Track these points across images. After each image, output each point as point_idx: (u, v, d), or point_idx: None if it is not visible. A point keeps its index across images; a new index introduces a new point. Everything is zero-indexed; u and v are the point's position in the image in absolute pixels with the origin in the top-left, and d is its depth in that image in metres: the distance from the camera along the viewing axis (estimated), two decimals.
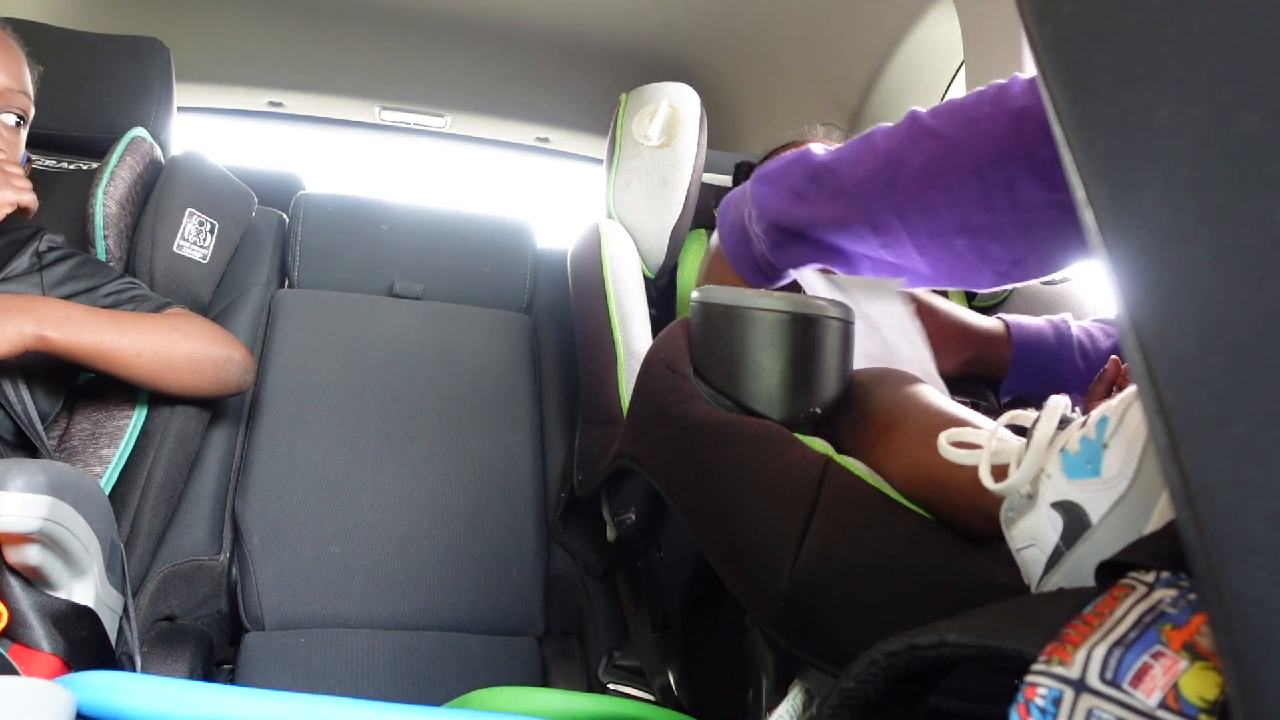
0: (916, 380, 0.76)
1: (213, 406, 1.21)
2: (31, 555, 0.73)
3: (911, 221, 0.78)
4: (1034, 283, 0.88)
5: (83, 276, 1.04)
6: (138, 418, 1.07)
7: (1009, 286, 1.01)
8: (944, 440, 0.52)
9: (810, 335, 0.72)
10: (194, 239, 1.19)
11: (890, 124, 0.82)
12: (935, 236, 0.77)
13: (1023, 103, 0.72)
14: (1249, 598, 0.20)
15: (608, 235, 1.14)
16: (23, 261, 1.02)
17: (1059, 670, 0.29)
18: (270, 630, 1.12)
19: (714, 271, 0.92)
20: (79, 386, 1.10)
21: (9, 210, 0.95)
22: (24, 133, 1.03)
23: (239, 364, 1.06)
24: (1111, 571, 0.33)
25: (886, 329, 0.85)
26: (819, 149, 0.86)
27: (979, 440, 0.50)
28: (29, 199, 0.97)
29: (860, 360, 0.79)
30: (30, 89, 1.03)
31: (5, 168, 0.96)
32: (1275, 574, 0.20)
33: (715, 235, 0.93)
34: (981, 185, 0.74)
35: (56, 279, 1.02)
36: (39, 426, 0.96)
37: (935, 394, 0.74)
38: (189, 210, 1.18)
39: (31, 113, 1.04)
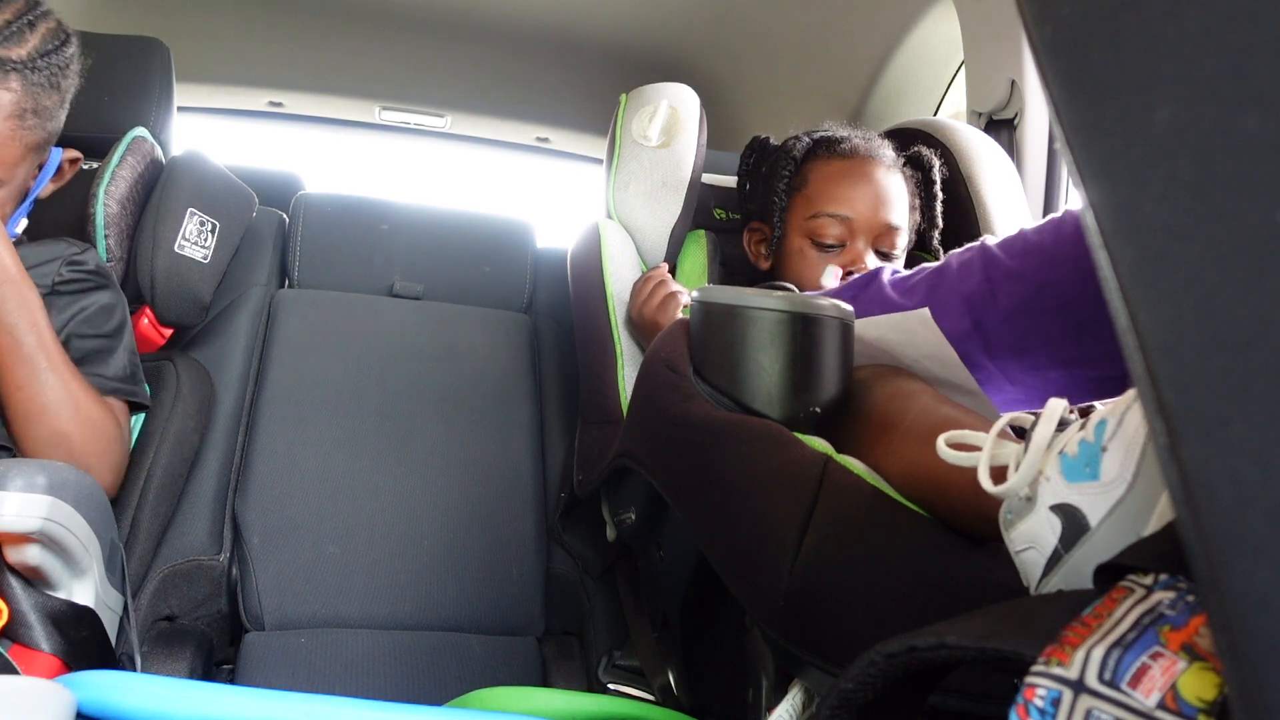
0: (915, 379, 0.76)
1: (213, 407, 1.21)
2: (32, 555, 0.73)
3: (1003, 360, 0.78)
4: None
5: (82, 312, 1.01)
6: (137, 419, 1.07)
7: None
8: (942, 442, 0.52)
9: (810, 335, 0.72)
10: (195, 239, 1.18)
11: (960, 254, 0.81)
12: (1028, 370, 0.77)
13: None
14: (1249, 598, 0.20)
15: (608, 235, 1.14)
16: (46, 270, 1.01)
17: (1058, 671, 0.29)
18: (270, 630, 1.12)
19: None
20: None
21: None
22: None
23: (95, 478, 0.94)
24: (1110, 574, 0.33)
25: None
26: (886, 275, 0.84)
27: (977, 442, 0.50)
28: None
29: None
30: (4, 147, 0.92)
31: None
32: (1275, 574, 0.20)
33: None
34: (1073, 324, 0.74)
35: (57, 310, 1.00)
36: None
37: (934, 393, 0.74)
38: (190, 210, 1.18)
39: (8, 177, 0.95)
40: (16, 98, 0.92)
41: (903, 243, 1.08)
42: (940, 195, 1.13)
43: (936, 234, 1.13)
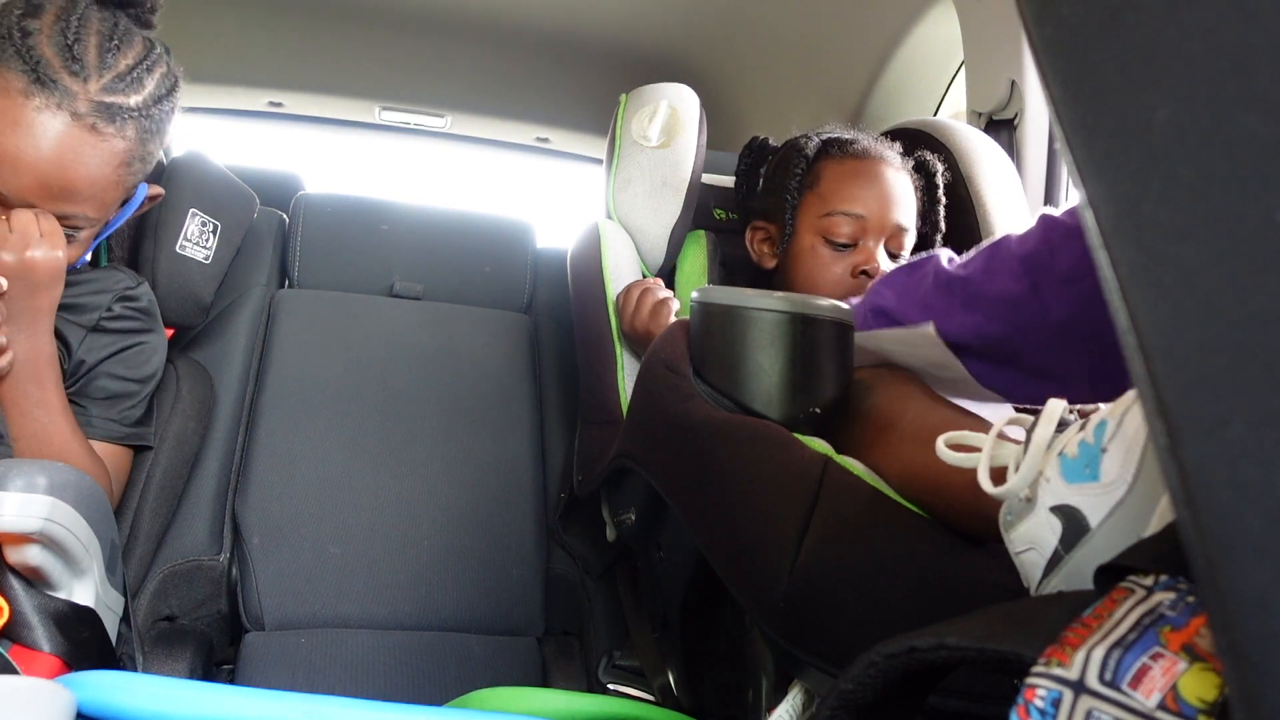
0: (915, 379, 0.76)
1: (213, 408, 1.21)
2: (32, 555, 0.73)
3: (1060, 327, 0.73)
4: None
5: (118, 351, 1.01)
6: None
7: None
8: (942, 443, 0.52)
9: (810, 335, 0.72)
10: (196, 239, 1.19)
11: (1016, 232, 0.79)
12: (1085, 341, 0.73)
13: None
14: (1249, 598, 0.20)
15: (607, 235, 1.14)
16: (98, 300, 1.00)
17: (1058, 672, 0.29)
18: (270, 630, 1.12)
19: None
20: None
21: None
22: (78, 236, 0.92)
23: None
24: (1110, 575, 0.33)
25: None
26: (944, 258, 0.83)
27: (977, 443, 0.50)
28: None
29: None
30: (108, 192, 0.91)
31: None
32: (1275, 574, 0.20)
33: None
34: None
35: (95, 345, 1.00)
36: None
37: (933, 394, 0.74)
38: (191, 211, 1.18)
39: (102, 217, 0.93)
40: (129, 146, 0.90)
41: (909, 244, 1.08)
42: (944, 200, 1.13)
43: (939, 238, 1.13)
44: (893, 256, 1.08)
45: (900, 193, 1.09)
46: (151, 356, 1.05)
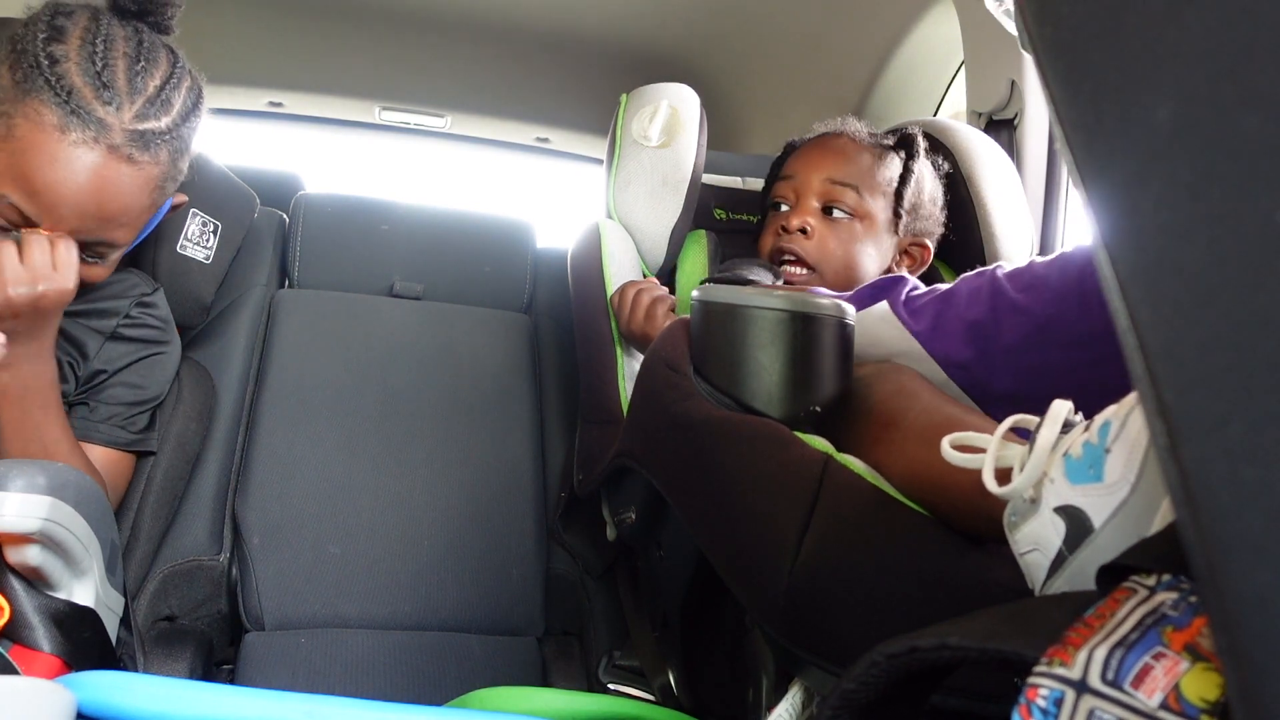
0: (917, 377, 0.76)
1: (213, 408, 1.21)
2: (32, 556, 0.73)
3: (1004, 392, 0.77)
4: None
5: (132, 361, 1.01)
6: None
7: None
8: (947, 443, 0.52)
9: (810, 334, 0.72)
10: (197, 239, 1.19)
11: (970, 280, 0.81)
12: (1027, 401, 0.77)
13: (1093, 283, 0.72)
14: (1249, 598, 0.20)
15: (608, 235, 1.14)
16: (115, 306, 1.01)
17: (1060, 671, 0.29)
18: (270, 630, 1.12)
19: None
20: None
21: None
22: (108, 259, 0.93)
23: None
24: (1113, 575, 0.33)
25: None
26: (904, 291, 0.85)
27: (982, 444, 0.50)
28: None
29: None
30: (142, 216, 0.91)
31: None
32: (1275, 574, 0.20)
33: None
34: (1074, 362, 0.74)
35: (113, 355, 1.00)
36: None
37: (936, 391, 0.74)
38: (192, 211, 1.18)
39: (133, 239, 0.94)
40: (163, 169, 0.90)
41: (851, 202, 1.08)
42: (919, 174, 1.12)
43: (905, 196, 1.11)
44: (828, 211, 1.09)
45: (837, 155, 1.11)
46: (168, 367, 1.06)
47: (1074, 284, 0.75)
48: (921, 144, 1.13)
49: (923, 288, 0.88)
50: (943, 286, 0.85)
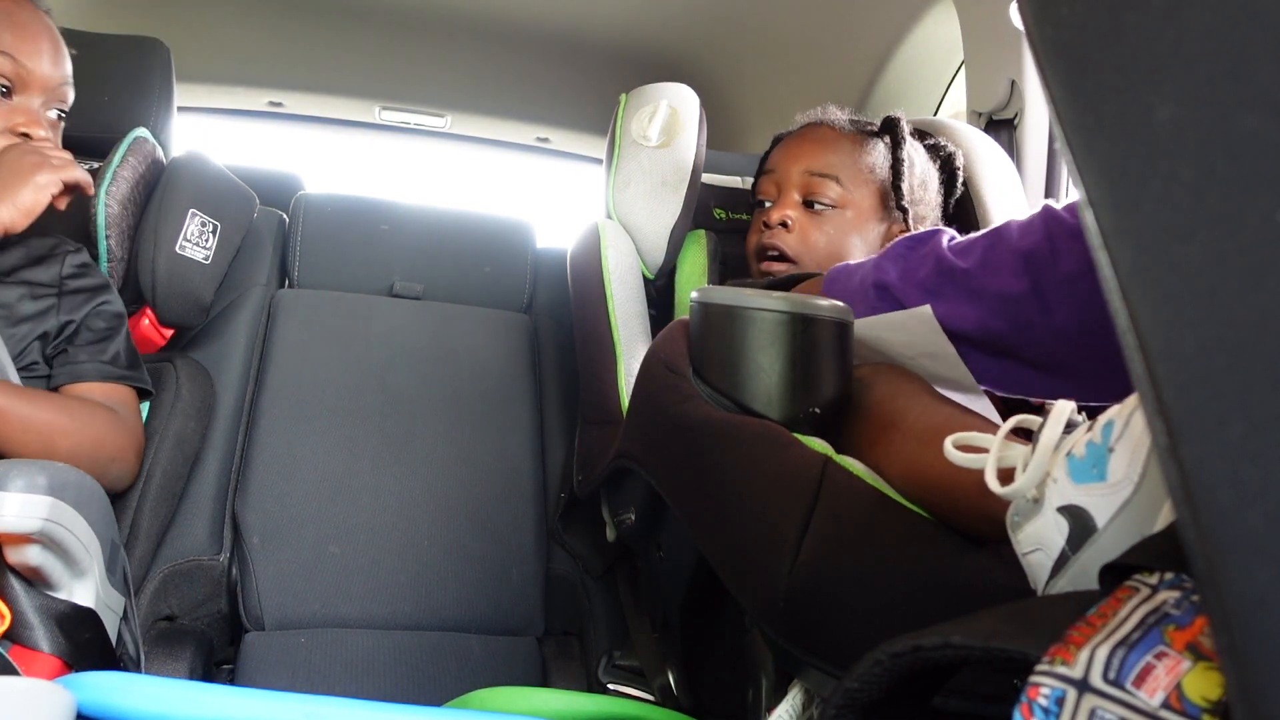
0: (916, 378, 0.76)
1: (213, 407, 1.21)
2: (32, 556, 0.73)
3: (1060, 329, 0.72)
4: None
5: (93, 310, 1.03)
6: (142, 409, 1.07)
7: None
8: (950, 444, 0.52)
9: (809, 335, 0.72)
10: (196, 240, 1.18)
11: (1020, 219, 0.78)
12: (1085, 340, 0.72)
13: None
14: (1249, 598, 0.20)
15: (607, 235, 1.14)
16: (48, 272, 1.02)
17: (1062, 670, 0.29)
18: (270, 630, 1.12)
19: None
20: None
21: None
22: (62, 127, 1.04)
23: (121, 466, 0.99)
24: (1115, 574, 0.33)
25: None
26: (945, 239, 0.82)
27: (984, 444, 0.50)
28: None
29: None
30: (71, 79, 1.03)
31: (45, 150, 0.95)
32: (1275, 574, 0.20)
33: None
34: None
35: (73, 305, 1.02)
36: None
37: (935, 393, 0.73)
38: (191, 211, 1.18)
39: (70, 101, 1.04)
40: None
41: (834, 194, 1.07)
42: (909, 160, 1.10)
43: (905, 190, 1.09)
44: (810, 204, 1.08)
45: (815, 146, 1.10)
46: (119, 308, 1.07)
47: None
48: (906, 127, 1.11)
49: (960, 237, 0.86)
50: (987, 229, 0.82)
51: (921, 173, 1.11)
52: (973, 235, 0.81)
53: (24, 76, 0.97)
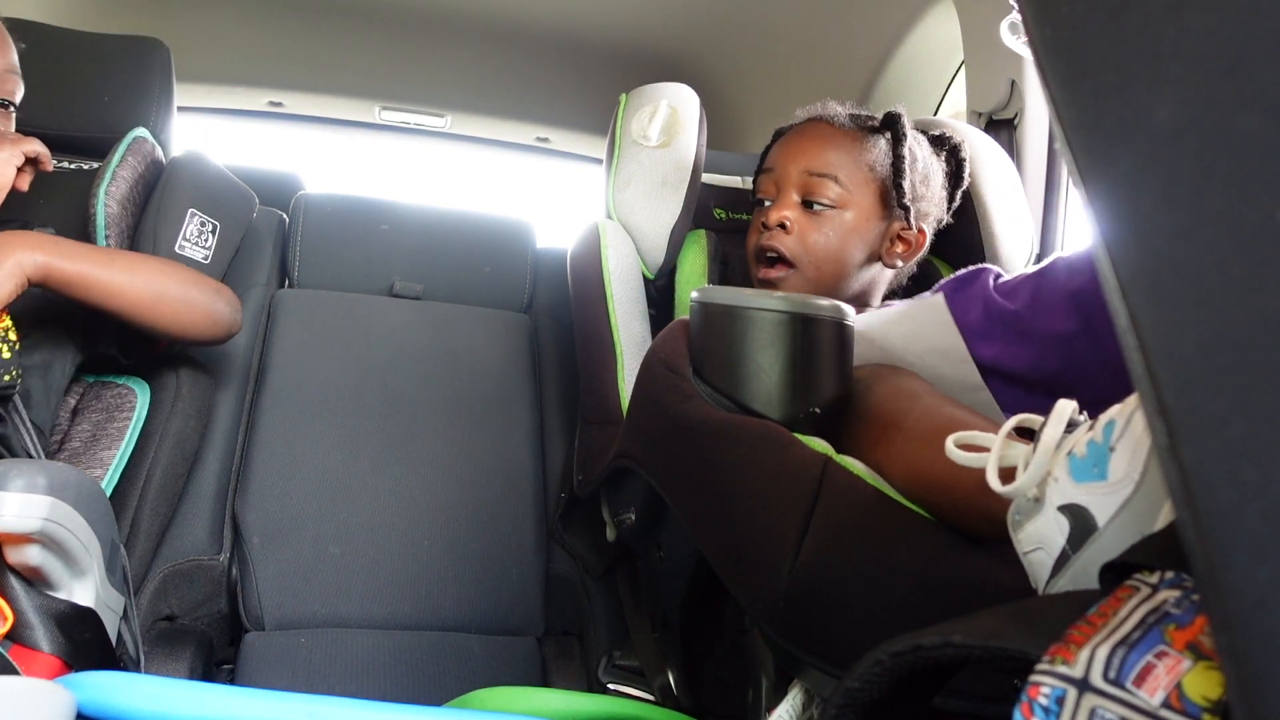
0: (916, 378, 0.76)
1: (213, 406, 1.21)
2: (32, 556, 0.73)
3: (1117, 365, 0.75)
4: None
5: None
6: (138, 419, 1.07)
7: None
8: (951, 443, 0.52)
9: (809, 335, 0.72)
10: (195, 240, 1.18)
11: (1066, 257, 0.79)
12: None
13: None
14: (1249, 597, 0.20)
15: (607, 235, 1.14)
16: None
17: (1062, 670, 0.29)
18: (270, 630, 1.12)
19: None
20: (81, 389, 1.10)
21: (18, 163, 0.95)
22: (13, 117, 1.04)
23: (228, 303, 1.08)
24: (1116, 573, 0.33)
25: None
26: (991, 279, 0.83)
27: (985, 443, 0.50)
28: (35, 148, 0.97)
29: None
30: (18, 70, 1.03)
31: (2, 132, 0.96)
32: (1275, 574, 0.20)
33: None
34: None
35: None
36: (38, 448, 0.96)
37: (936, 393, 0.74)
38: (191, 211, 1.18)
39: (20, 94, 1.04)
40: None
41: (833, 193, 1.06)
42: (911, 155, 1.09)
43: (907, 189, 1.09)
44: (809, 205, 1.06)
45: (815, 145, 1.08)
46: None
47: None
48: (907, 122, 1.09)
49: (1006, 275, 0.86)
50: (1034, 268, 0.83)
51: (924, 168, 1.09)
52: (1019, 275, 0.82)
53: None
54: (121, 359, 1.10)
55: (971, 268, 0.89)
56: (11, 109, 1.03)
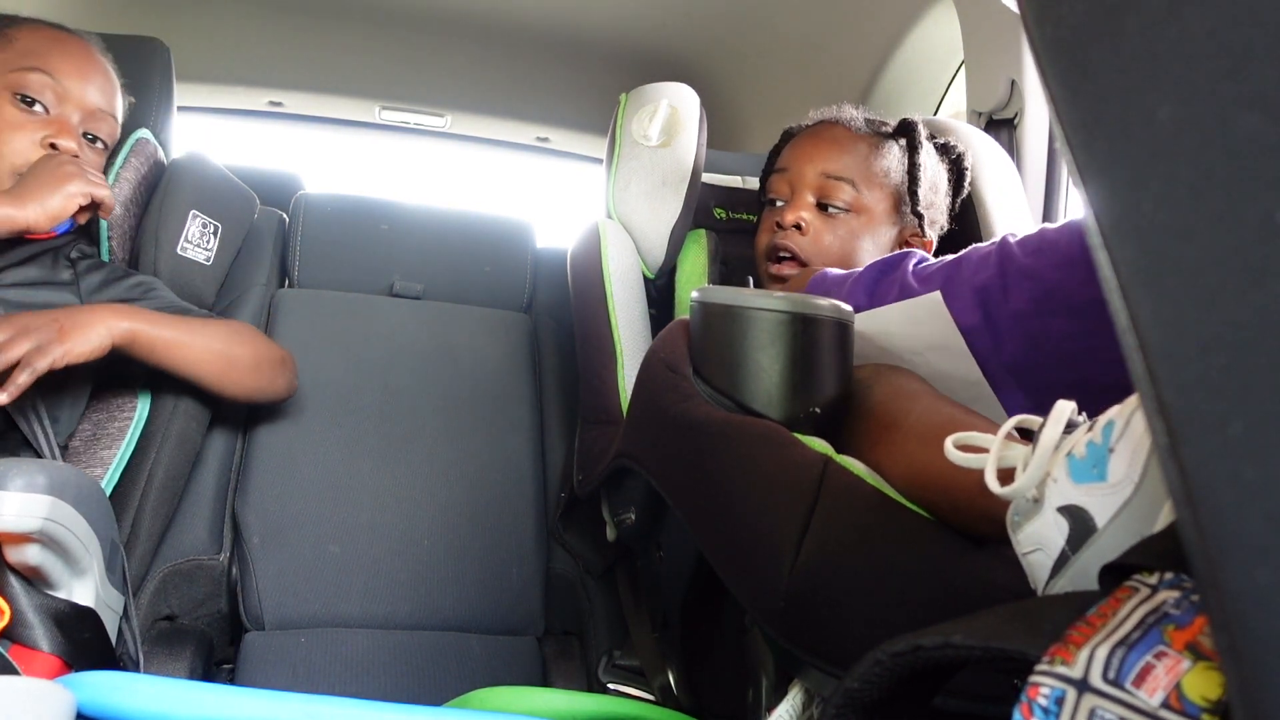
0: (916, 378, 0.76)
1: (214, 406, 1.21)
2: (32, 555, 0.73)
3: (1012, 358, 0.78)
4: None
5: (114, 282, 1.08)
6: (139, 419, 1.07)
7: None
8: (950, 444, 0.52)
9: (810, 335, 0.72)
10: (197, 241, 1.19)
11: (981, 247, 0.82)
12: (1037, 371, 0.78)
13: None
14: (1249, 598, 0.20)
15: (607, 235, 1.14)
16: (62, 273, 1.05)
17: (1062, 670, 0.29)
18: (270, 630, 1.12)
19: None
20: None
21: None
22: (104, 158, 1.10)
23: (291, 368, 1.14)
24: (1115, 574, 0.33)
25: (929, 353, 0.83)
26: (912, 263, 0.86)
27: (985, 444, 0.50)
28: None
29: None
30: (120, 117, 1.11)
31: (82, 165, 1.00)
32: (1275, 574, 0.20)
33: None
34: (1083, 327, 0.74)
35: (93, 287, 1.06)
36: (54, 445, 0.97)
37: (936, 393, 0.74)
38: (193, 212, 1.18)
39: (114, 139, 1.10)
40: None
41: (848, 197, 1.07)
42: (923, 163, 1.10)
43: (921, 195, 1.10)
44: (823, 207, 1.07)
45: (830, 148, 1.09)
46: (131, 275, 1.11)
47: (1081, 249, 0.74)
48: (923, 130, 1.11)
49: (931, 260, 0.88)
50: (951, 255, 0.85)
51: (933, 176, 1.11)
52: (938, 261, 0.84)
53: (61, 94, 1.03)
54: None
55: (897, 253, 0.91)
56: (100, 145, 1.08)
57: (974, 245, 0.83)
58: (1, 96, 1.00)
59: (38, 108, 1.01)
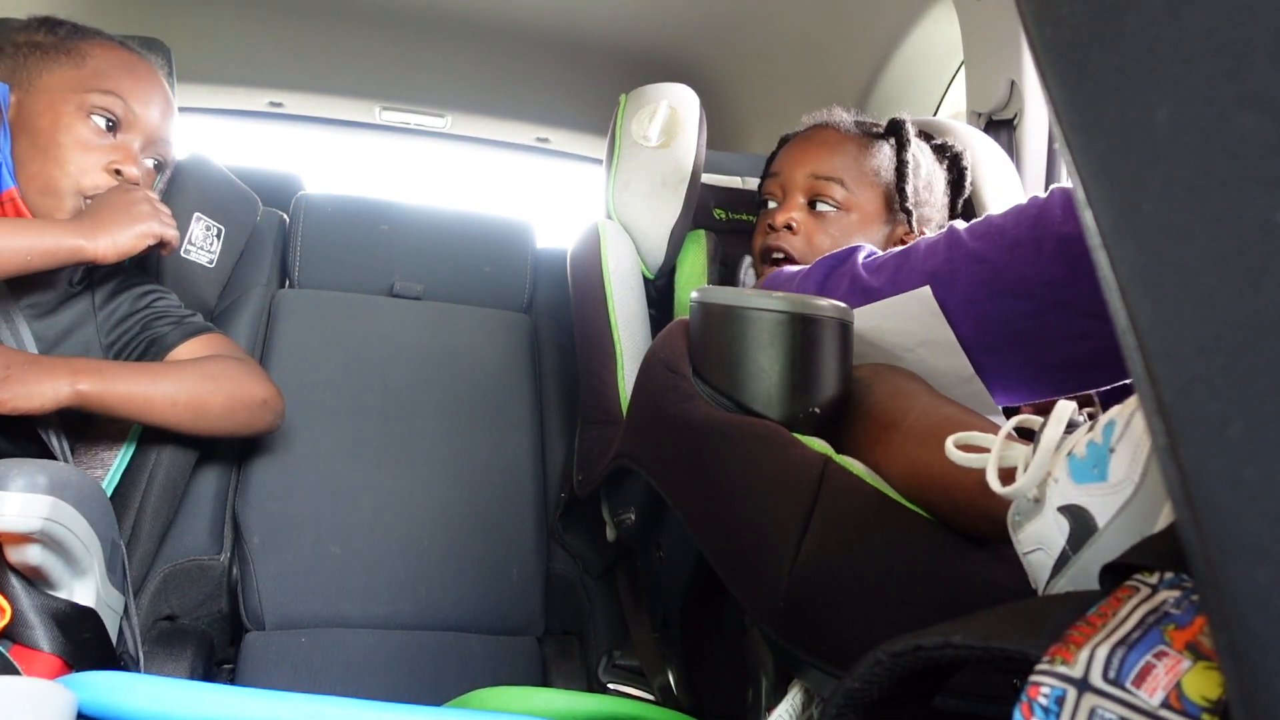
0: (915, 378, 0.77)
1: None
2: (32, 555, 0.73)
3: (966, 343, 0.79)
4: None
5: (125, 290, 1.08)
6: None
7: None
8: (951, 444, 0.52)
9: (809, 335, 0.72)
10: (201, 243, 1.19)
11: (930, 237, 0.84)
12: (991, 354, 0.79)
13: (1067, 229, 0.73)
14: (1248, 598, 0.20)
15: (607, 235, 1.14)
16: (76, 284, 1.05)
17: (1062, 670, 0.29)
18: (271, 630, 1.12)
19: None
20: None
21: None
22: (159, 181, 1.10)
23: (272, 409, 1.09)
24: (1116, 574, 0.33)
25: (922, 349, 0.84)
26: (862, 255, 0.88)
27: (985, 444, 0.50)
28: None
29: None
30: (174, 142, 1.10)
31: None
32: (1275, 574, 0.20)
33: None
34: (1032, 307, 0.75)
35: (105, 296, 1.07)
36: (67, 450, 0.97)
37: (935, 392, 0.74)
38: (196, 215, 1.18)
39: (171, 164, 1.11)
40: None
41: (838, 196, 1.07)
42: (914, 161, 1.10)
43: (910, 193, 1.10)
44: (814, 205, 1.08)
45: (820, 149, 1.10)
46: (141, 284, 1.11)
47: (1028, 230, 0.76)
48: (911, 129, 1.11)
49: (880, 253, 0.89)
50: (901, 248, 0.86)
51: (927, 174, 1.11)
52: (887, 253, 0.86)
53: (130, 119, 1.02)
54: None
55: (846, 247, 0.93)
56: (161, 173, 1.09)
57: (924, 236, 0.85)
58: (75, 114, 0.98)
59: (108, 129, 1.00)
